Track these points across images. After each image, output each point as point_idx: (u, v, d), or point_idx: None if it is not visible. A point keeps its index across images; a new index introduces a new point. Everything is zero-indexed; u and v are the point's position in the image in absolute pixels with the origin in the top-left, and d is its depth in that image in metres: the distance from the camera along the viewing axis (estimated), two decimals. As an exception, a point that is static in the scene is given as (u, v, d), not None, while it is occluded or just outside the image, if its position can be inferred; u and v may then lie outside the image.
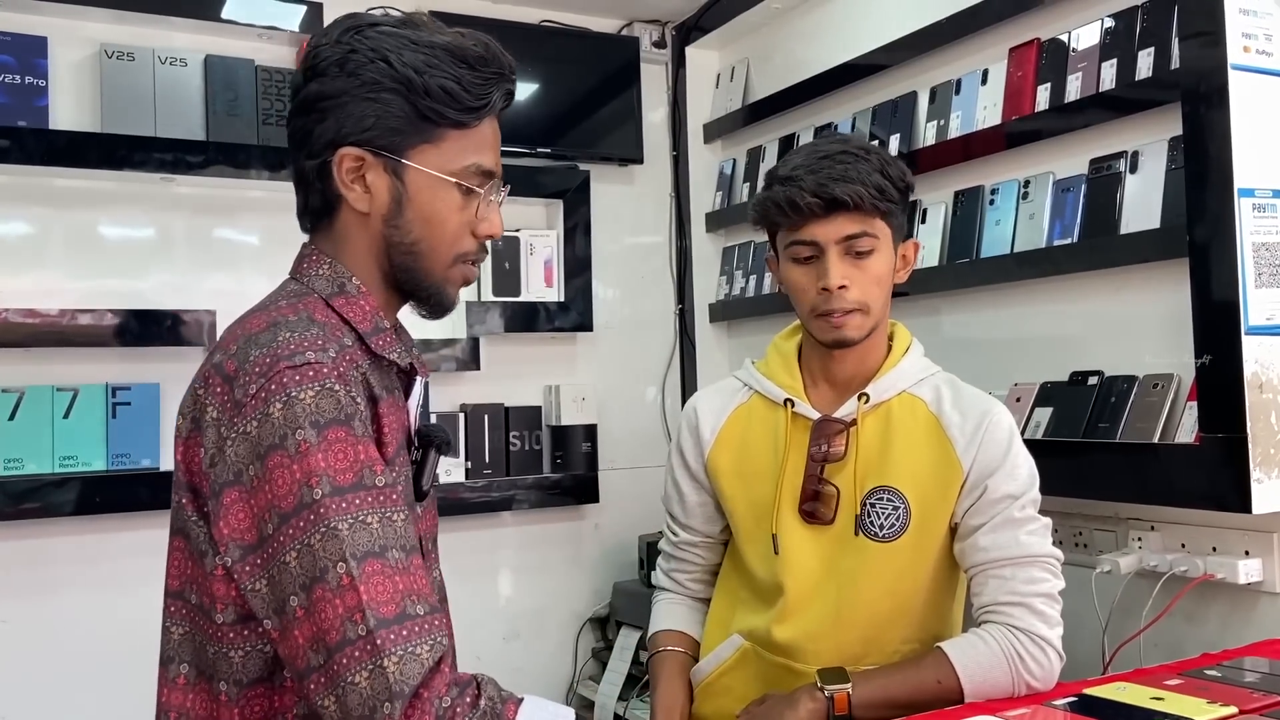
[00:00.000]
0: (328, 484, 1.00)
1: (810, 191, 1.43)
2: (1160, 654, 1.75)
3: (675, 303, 3.06)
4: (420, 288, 1.17)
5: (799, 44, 2.75)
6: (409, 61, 1.09)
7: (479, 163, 1.14)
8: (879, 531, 1.47)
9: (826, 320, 1.46)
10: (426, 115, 1.10)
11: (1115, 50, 1.91)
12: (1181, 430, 1.76)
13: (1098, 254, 1.92)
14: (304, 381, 1.02)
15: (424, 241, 1.14)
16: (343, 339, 1.10)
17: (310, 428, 1.01)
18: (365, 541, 1.00)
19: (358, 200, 1.13)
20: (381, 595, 0.98)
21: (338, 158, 1.11)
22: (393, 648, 0.97)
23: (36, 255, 2.34)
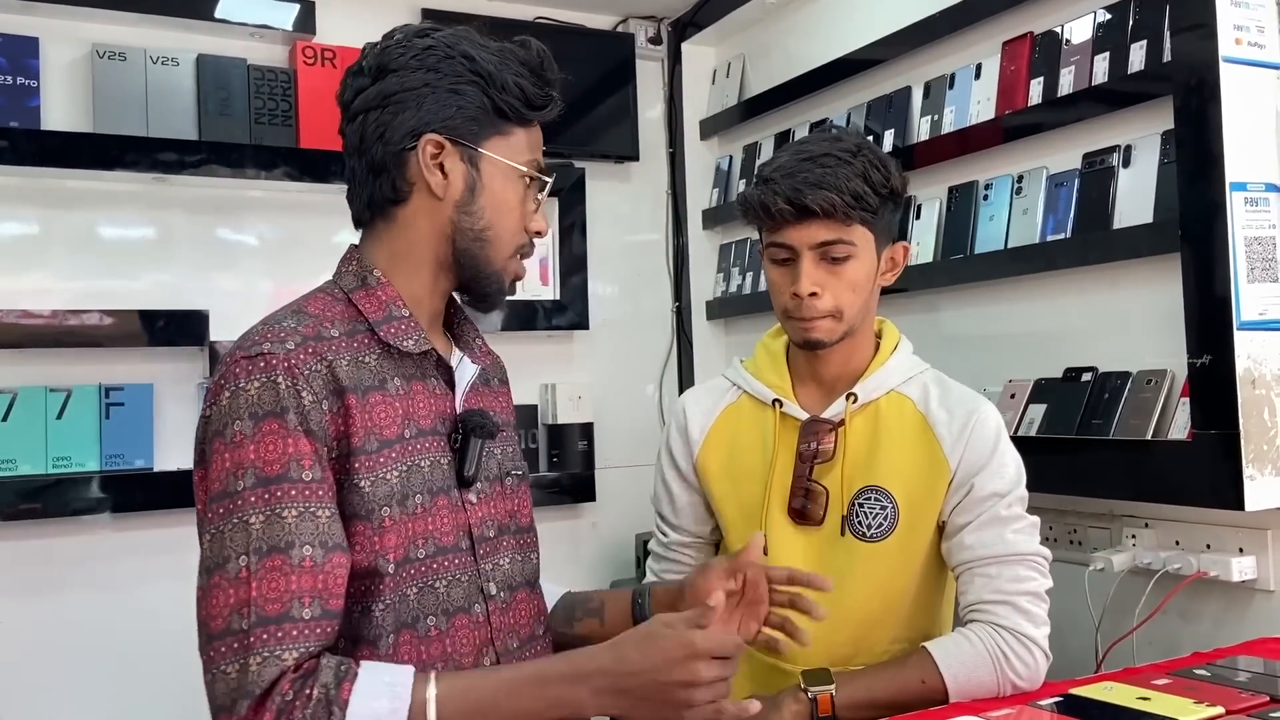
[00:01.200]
0: (252, 476, 1.06)
1: (784, 197, 1.42)
2: (1154, 652, 1.74)
3: (672, 300, 3.05)
4: (481, 274, 1.22)
5: (795, 39, 2.74)
6: (486, 58, 1.18)
7: (538, 159, 1.23)
8: (867, 531, 1.46)
9: (796, 323, 1.46)
10: (500, 109, 1.19)
11: (1108, 43, 1.90)
12: (1175, 427, 1.75)
13: (1091, 249, 1.90)
14: (253, 373, 1.08)
15: (493, 228, 1.20)
16: (329, 330, 1.14)
17: (248, 419, 1.07)
18: (274, 535, 1.04)
19: (437, 185, 1.18)
20: (271, 593, 1.03)
21: (422, 143, 1.17)
22: (261, 648, 1.01)
23: (29, 256, 2.34)
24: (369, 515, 1.12)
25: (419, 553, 1.15)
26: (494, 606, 1.21)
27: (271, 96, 2.50)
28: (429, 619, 1.16)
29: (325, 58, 2.54)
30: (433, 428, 1.19)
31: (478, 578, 1.20)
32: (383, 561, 1.12)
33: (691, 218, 3.01)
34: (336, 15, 2.59)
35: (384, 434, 1.14)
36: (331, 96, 2.71)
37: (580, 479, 2.80)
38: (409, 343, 1.18)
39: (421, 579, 1.16)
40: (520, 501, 1.30)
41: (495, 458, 1.27)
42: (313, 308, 1.17)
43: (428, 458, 1.17)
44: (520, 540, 1.29)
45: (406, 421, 1.16)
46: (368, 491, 1.12)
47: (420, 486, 1.16)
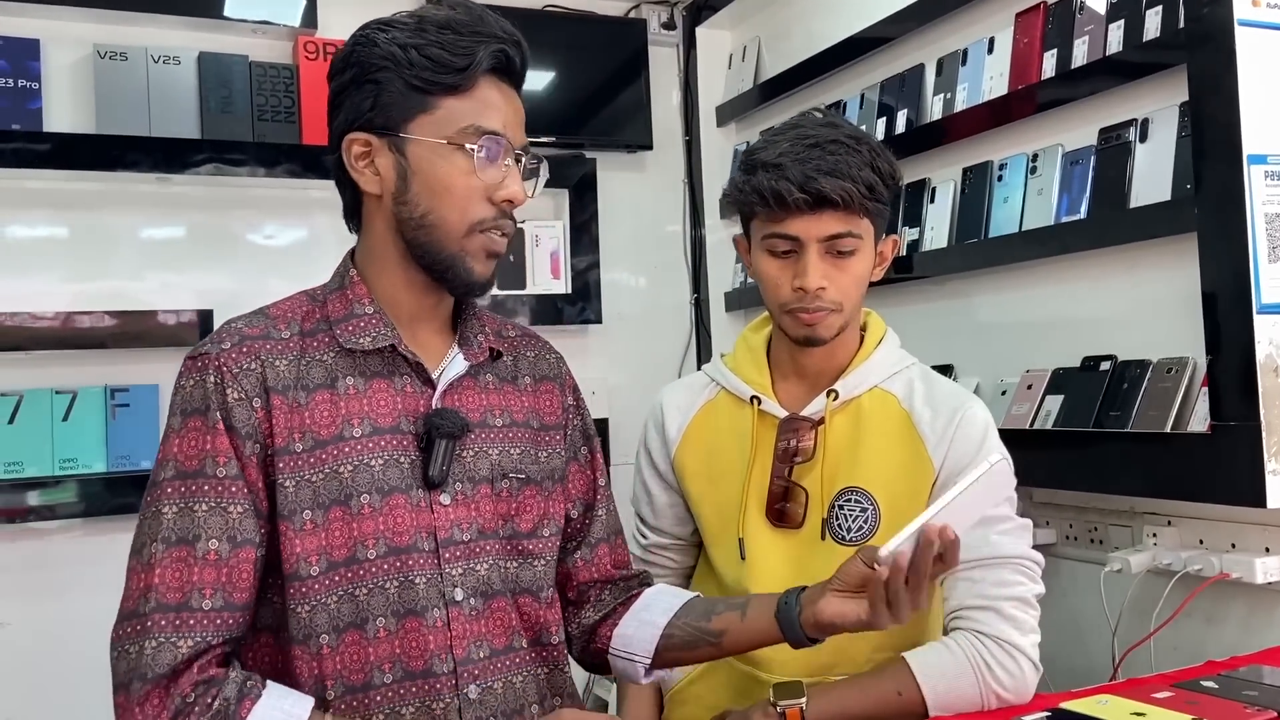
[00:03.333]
0: (172, 468, 1.09)
1: (797, 185, 1.33)
2: (1178, 658, 1.63)
3: (690, 291, 2.97)
4: (438, 262, 1.16)
5: (811, 19, 2.64)
6: (395, 39, 1.13)
7: (477, 123, 1.14)
8: (846, 535, 1.38)
9: (797, 318, 1.37)
10: (416, 85, 1.13)
11: (1123, 10, 1.78)
12: (1195, 418, 1.63)
13: (1107, 230, 1.79)
14: (192, 371, 1.13)
15: (433, 213, 1.15)
16: (279, 331, 1.16)
17: (179, 415, 1.12)
18: (183, 527, 1.07)
19: (368, 183, 1.16)
20: (173, 582, 1.06)
21: (345, 144, 1.16)
22: (158, 633, 1.04)
23: (33, 258, 2.35)
24: (290, 516, 1.11)
25: (369, 553, 1.12)
26: (457, 613, 1.15)
27: (274, 93, 2.48)
28: (378, 620, 1.12)
29: (328, 53, 2.50)
30: (395, 426, 1.16)
31: (439, 581, 1.15)
32: (304, 564, 1.11)
33: (709, 207, 2.93)
34: (339, 9, 2.56)
35: (320, 434, 1.13)
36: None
37: (595, 476, 2.74)
38: (364, 340, 1.16)
39: (372, 579, 1.12)
40: (520, 506, 1.23)
41: (489, 458, 1.21)
42: (275, 309, 1.19)
43: (381, 456, 1.14)
44: (512, 546, 1.21)
45: (355, 421, 1.14)
46: (290, 492, 1.11)
47: (369, 485, 1.13)
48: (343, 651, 1.11)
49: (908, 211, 2.25)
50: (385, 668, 1.12)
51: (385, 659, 1.12)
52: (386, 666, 1.12)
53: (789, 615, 1.17)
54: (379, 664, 1.12)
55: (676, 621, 1.28)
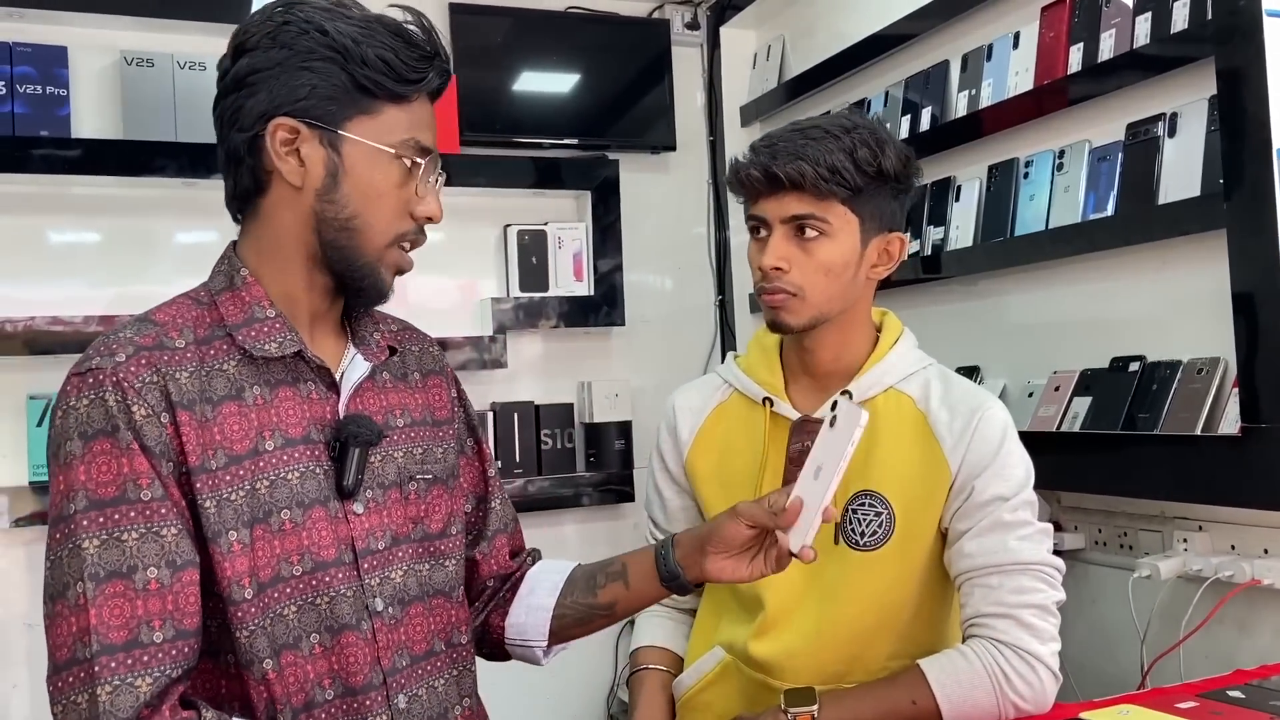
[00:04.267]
0: (84, 498, 0.99)
1: (758, 166, 1.34)
2: (1208, 667, 1.58)
3: (715, 293, 2.95)
4: (352, 268, 1.11)
5: (835, 17, 2.61)
6: (345, 31, 1.07)
7: (417, 138, 1.11)
8: (860, 540, 1.35)
9: (764, 299, 1.37)
10: (363, 85, 1.08)
11: (1150, 3, 1.74)
12: (1226, 420, 1.59)
13: (1135, 227, 1.75)
14: (83, 389, 1.02)
15: (360, 217, 1.10)
16: (172, 340, 1.06)
17: (78, 439, 1.01)
18: (113, 560, 0.99)
19: (291, 173, 1.09)
20: (114, 620, 0.97)
21: (271, 128, 1.08)
22: (110, 676, 0.96)
23: (65, 263, 2.38)
24: (216, 538, 1.04)
25: (294, 570, 1.08)
26: (380, 623, 1.12)
27: (298, 97, 2.49)
28: (312, 637, 1.08)
29: (351, 56, 2.51)
30: (305, 436, 1.10)
31: (362, 593, 1.11)
32: (237, 589, 1.04)
33: (734, 208, 2.90)
34: (362, 13, 2.57)
35: (233, 449, 1.06)
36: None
37: (619, 478, 2.73)
38: (271, 346, 1.09)
39: (300, 596, 1.08)
40: (428, 507, 1.20)
41: (395, 461, 1.17)
42: (161, 315, 1.09)
43: (297, 469, 1.09)
44: (425, 548, 1.19)
45: (267, 433, 1.08)
46: (212, 513, 1.04)
47: (288, 500, 1.08)
48: (286, 673, 1.06)
49: (933, 210, 2.22)
50: (325, 684, 1.09)
51: (324, 675, 1.09)
52: (326, 683, 1.09)
53: (678, 584, 1.20)
54: (318, 681, 1.08)
55: (564, 601, 1.27)
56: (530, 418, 2.67)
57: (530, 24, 2.74)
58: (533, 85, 2.77)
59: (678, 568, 1.20)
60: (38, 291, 2.33)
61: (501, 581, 1.32)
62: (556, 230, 2.70)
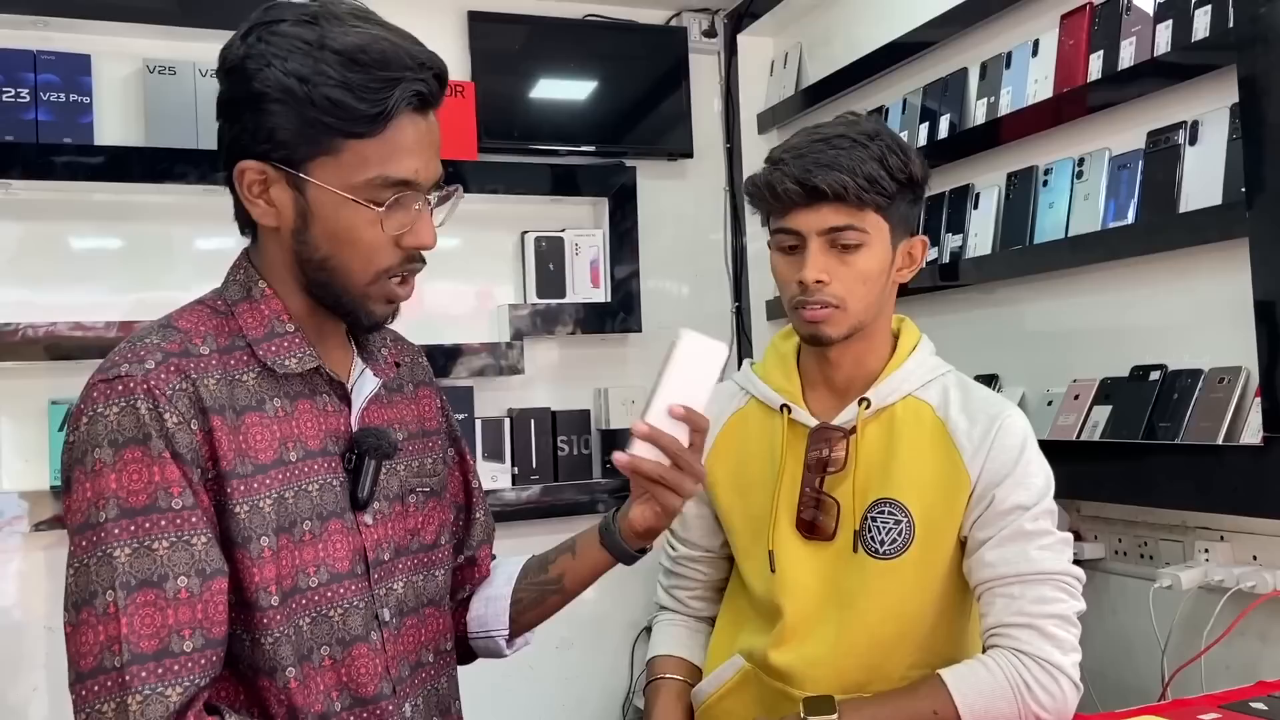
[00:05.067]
0: (115, 507, 0.99)
1: (792, 178, 1.32)
2: (1230, 678, 1.57)
3: (731, 300, 2.95)
4: (339, 302, 1.10)
5: (852, 24, 2.62)
6: (292, 70, 1.01)
7: (385, 173, 1.04)
8: (879, 548, 1.35)
9: (801, 314, 1.36)
10: (315, 126, 1.02)
11: (1171, 10, 1.73)
12: (1248, 430, 1.58)
13: (1156, 236, 1.74)
14: (112, 397, 1.01)
15: (334, 259, 1.07)
16: (197, 347, 1.06)
17: (108, 446, 0.99)
18: (144, 569, 0.98)
19: (263, 215, 1.07)
20: (145, 629, 0.97)
21: (238, 171, 1.06)
22: (140, 685, 0.96)
23: (86, 269, 2.40)
24: (247, 543, 1.04)
25: (311, 581, 1.08)
26: (388, 633, 1.14)
27: (318, 105, 2.51)
28: (323, 649, 1.09)
29: (370, 64, 2.53)
30: (323, 448, 1.11)
31: (372, 604, 1.13)
32: (264, 595, 1.05)
33: (750, 214, 2.89)
34: (382, 22, 2.59)
35: (259, 458, 1.06)
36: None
37: (635, 485, 2.73)
38: (291, 361, 1.09)
39: (315, 608, 1.09)
40: (425, 519, 1.21)
41: (398, 474, 1.18)
42: (183, 322, 1.08)
43: (316, 480, 1.10)
44: (420, 560, 1.20)
45: (289, 444, 1.09)
46: (244, 519, 1.04)
47: (309, 512, 1.08)
48: (309, 682, 1.08)
49: (951, 218, 2.21)
50: (334, 695, 1.09)
51: (333, 687, 1.10)
52: (335, 695, 1.10)
53: (613, 539, 1.22)
54: (328, 692, 1.09)
55: (520, 586, 1.29)
56: (547, 424, 2.67)
57: (548, 31, 2.75)
58: (550, 92, 2.78)
59: (617, 531, 1.22)
60: (59, 297, 2.35)
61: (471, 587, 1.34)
62: (574, 237, 2.70)
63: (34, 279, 2.35)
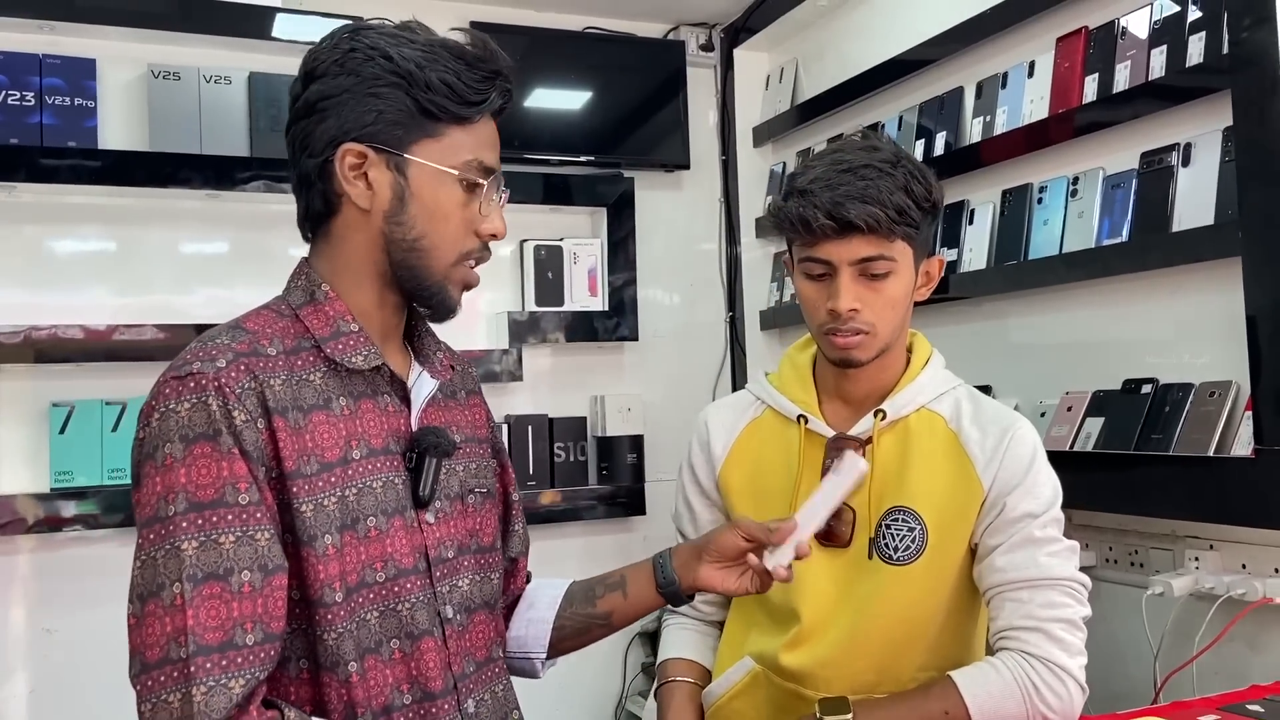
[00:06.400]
0: (184, 500, 1.01)
1: (825, 211, 1.34)
2: (1219, 683, 1.62)
3: (725, 310, 3.00)
4: (422, 287, 1.16)
5: (848, 41, 2.67)
6: (409, 56, 1.10)
7: (480, 159, 1.14)
8: (894, 554, 1.38)
9: (832, 340, 1.39)
10: (427, 109, 1.11)
11: (1165, 36, 1.79)
12: (1239, 442, 1.64)
13: (1149, 253, 1.80)
14: (183, 393, 1.03)
15: (427, 237, 1.14)
16: (265, 348, 1.09)
17: (179, 441, 1.02)
18: (211, 562, 1.01)
19: (360, 196, 1.12)
20: (210, 621, 0.99)
21: (340, 153, 1.11)
22: (205, 677, 0.98)
23: (85, 272, 2.41)
24: (312, 541, 1.07)
25: (378, 576, 1.11)
26: (450, 630, 1.17)
27: (321, 112, 2.53)
28: (392, 643, 1.12)
29: (373, 72, 2.55)
30: (385, 447, 1.14)
31: (434, 600, 1.16)
32: (329, 591, 1.07)
33: (745, 226, 2.96)
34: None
35: (325, 456, 1.09)
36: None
37: (630, 492, 2.77)
38: (358, 359, 1.13)
39: (383, 602, 1.12)
40: (483, 520, 1.25)
41: (457, 475, 1.22)
42: (251, 324, 1.12)
43: (380, 478, 1.13)
44: (481, 560, 1.23)
45: (354, 442, 1.12)
46: (309, 517, 1.07)
47: (374, 509, 1.12)
48: (370, 677, 1.10)
49: (946, 233, 2.26)
50: (403, 688, 1.12)
51: (403, 680, 1.12)
52: (404, 688, 1.12)
53: (671, 588, 1.27)
54: (397, 685, 1.12)
55: (564, 613, 1.32)
56: (544, 430, 2.70)
57: (548, 43, 2.79)
58: (550, 103, 2.82)
59: (674, 574, 1.27)
60: (62, 300, 2.36)
61: (511, 601, 1.37)
62: (573, 246, 2.74)
63: (36, 282, 2.36)
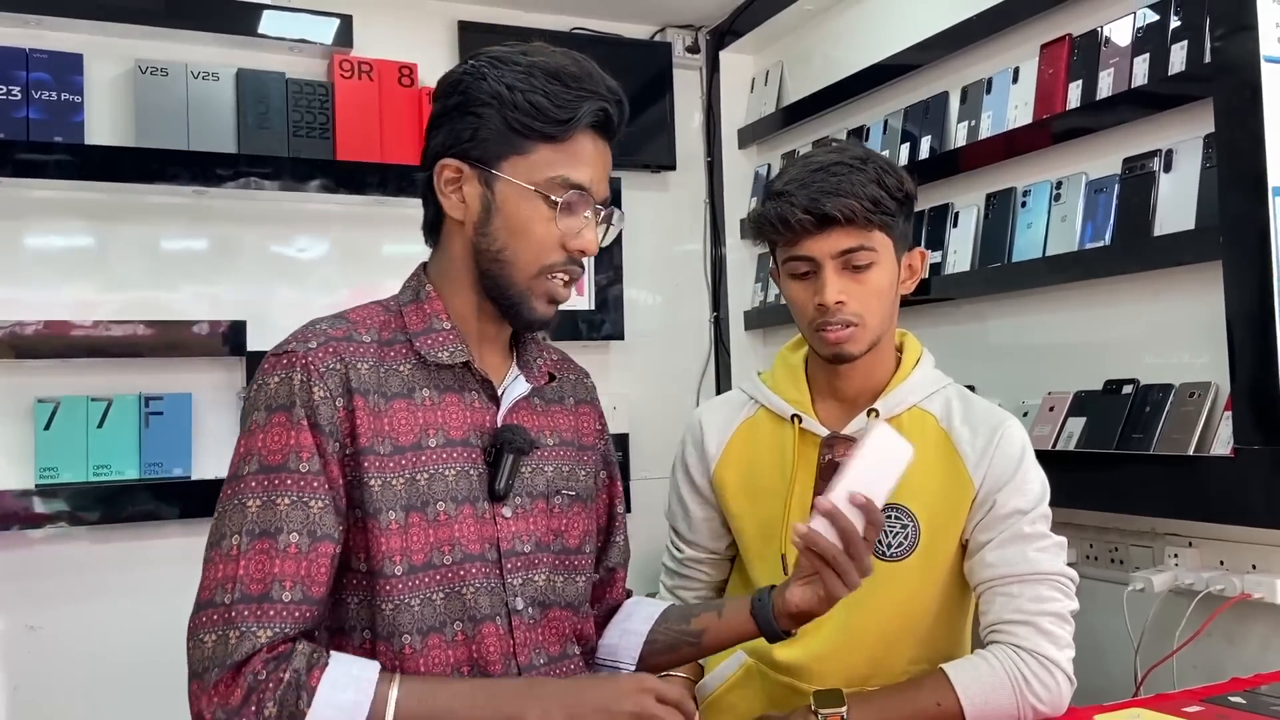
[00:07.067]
0: (256, 462, 1.12)
1: (801, 208, 1.38)
2: (1197, 676, 1.66)
3: (710, 310, 3.02)
4: (504, 296, 1.22)
5: (833, 45, 2.70)
6: (504, 78, 1.18)
7: (566, 175, 1.19)
8: (887, 551, 1.41)
9: (824, 335, 1.42)
10: (515, 128, 1.18)
11: (1148, 44, 1.83)
12: (1218, 442, 1.68)
13: (1131, 257, 1.84)
14: (277, 368, 1.15)
15: (509, 250, 1.20)
16: (360, 335, 1.19)
17: (264, 410, 1.14)
18: (266, 520, 1.10)
19: (453, 208, 1.22)
20: (256, 574, 1.08)
21: (438, 168, 1.21)
22: (241, 623, 1.06)
23: (71, 268, 2.39)
24: (376, 514, 1.14)
25: (445, 559, 1.17)
26: (519, 621, 1.21)
27: (309, 110, 2.53)
28: (455, 624, 1.17)
29: (362, 71, 2.56)
30: (464, 439, 1.21)
31: (502, 591, 1.20)
32: (389, 563, 1.14)
33: (730, 227, 2.99)
34: (374, 29, 2.62)
35: (399, 440, 1.17)
36: (368, 109, 2.74)
37: (615, 490, 2.78)
38: (443, 354, 1.21)
39: (448, 584, 1.17)
40: (569, 522, 1.29)
41: (544, 475, 1.27)
42: (354, 314, 1.23)
43: (454, 467, 1.19)
44: (563, 560, 1.27)
45: (431, 431, 1.19)
46: (376, 491, 1.14)
47: (444, 494, 1.18)
48: (426, 654, 1.15)
49: (930, 235, 2.30)
50: (464, 670, 1.17)
51: (464, 661, 1.17)
52: (465, 669, 1.17)
53: (764, 612, 1.25)
54: (458, 666, 1.17)
55: (658, 628, 1.35)
56: (530, 429, 2.71)
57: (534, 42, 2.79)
58: (537, 103, 2.82)
59: (768, 599, 1.25)
60: (47, 295, 2.34)
61: (601, 609, 1.40)
62: (559, 245, 2.75)
63: (22, 277, 2.34)
